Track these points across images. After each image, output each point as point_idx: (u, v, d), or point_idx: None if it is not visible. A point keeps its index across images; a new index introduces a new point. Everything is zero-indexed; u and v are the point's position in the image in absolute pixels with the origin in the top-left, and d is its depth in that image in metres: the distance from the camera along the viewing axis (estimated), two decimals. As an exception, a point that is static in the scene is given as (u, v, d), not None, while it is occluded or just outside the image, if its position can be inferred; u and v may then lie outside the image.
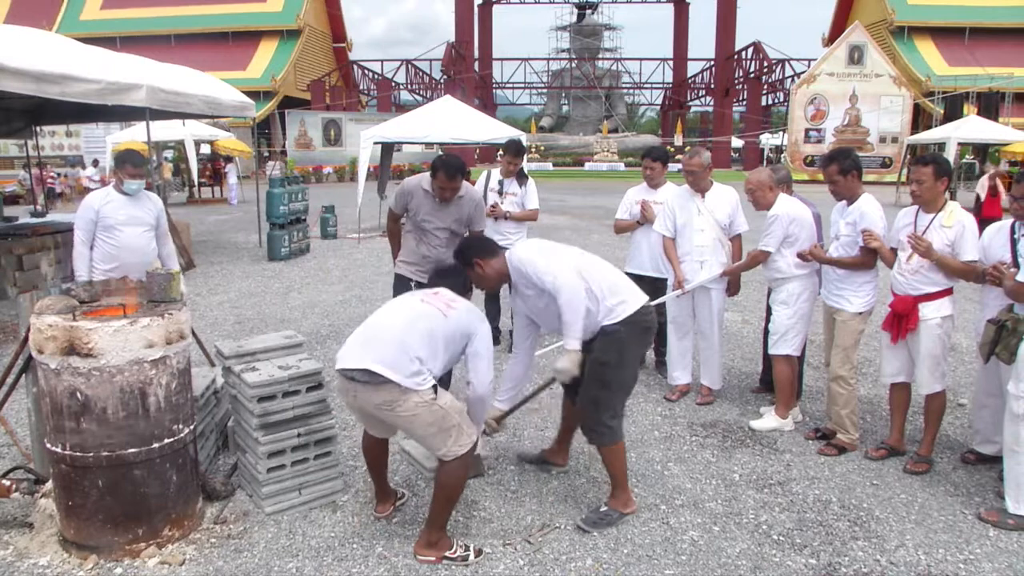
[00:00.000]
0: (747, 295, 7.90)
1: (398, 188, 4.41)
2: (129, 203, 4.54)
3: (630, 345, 3.25)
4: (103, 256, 4.48)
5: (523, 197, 5.96)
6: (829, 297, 4.17)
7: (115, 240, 4.49)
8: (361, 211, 13.22)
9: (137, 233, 4.57)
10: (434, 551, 2.96)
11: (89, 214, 4.46)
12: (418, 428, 2.89)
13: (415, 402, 2.83)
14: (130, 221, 4.53)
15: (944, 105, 26.68)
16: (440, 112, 13.09)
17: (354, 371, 2.86)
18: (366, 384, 2.83)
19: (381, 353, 2.85)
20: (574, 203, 20.36)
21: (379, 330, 2.98)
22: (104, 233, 4.48)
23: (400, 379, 2.80)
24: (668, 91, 53.54)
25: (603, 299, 3.22)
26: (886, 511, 3.43)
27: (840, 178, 3.98)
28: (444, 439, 2.88)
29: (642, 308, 3.27)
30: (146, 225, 4.63)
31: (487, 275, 3.31)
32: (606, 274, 3.32)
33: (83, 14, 38.90)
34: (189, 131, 18.94)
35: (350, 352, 2.94)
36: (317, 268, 10.24)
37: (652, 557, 3.04)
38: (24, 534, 3.11)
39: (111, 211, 4.49)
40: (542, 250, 3.30)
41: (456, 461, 2.91)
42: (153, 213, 4.70)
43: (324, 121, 33.14)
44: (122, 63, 7.37)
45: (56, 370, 2.80)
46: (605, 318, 3.22)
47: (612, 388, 3.24)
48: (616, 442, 3.30)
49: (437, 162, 4.12)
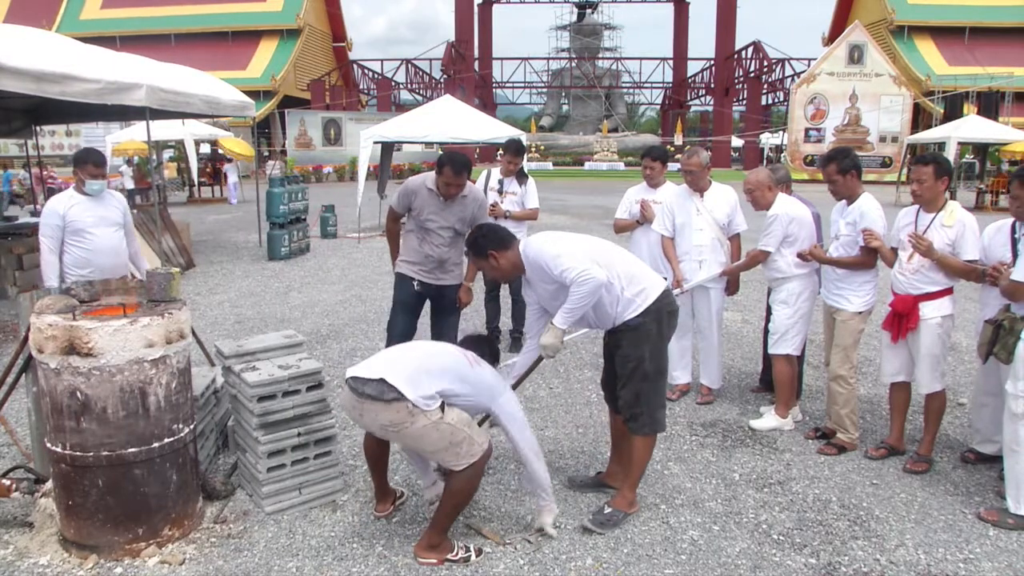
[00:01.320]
0: (747, 294, 7.90)
1: (401, 187, 4.39)
2: (95, 204, 4.41)
3: (657, 335, 3.23)
4: (75, 261, 4.36)
5: (523, 196, 5.97)
6: (829, 296, 4.17)
7: (86, 243, 4.37)
8: (361, 211, 13.22)
9: (109, 234, 4.46)
10: (435, 554, 2.95)
11: (54, 220, 4.28)
12: (427, 446, 2.87)
13: (422, 424, 2.79)
14: (100, 222, 4.41)
15: (944, 105, 26.70)
16: (440, 112, 13.10)
17: (366, 381, 2.81)
18: (375, 401, 2.78)
19: (400, 369, 2.84)
20: (574, 202, 20.36)
21: (404, 352, 3.04)
22: (74, 237, 4.33)
23: (412, 396, 2.76)
24: (668, 91, 53.55)
25: (622, 290, 3.16)
26: (886, 511, 3.43)
27: (839, 177, 3.98)
28: (455, 453, 2.86)
29: (663, 293, 3.23)
30: (115, 224, 4.52)
31: (501, 267, 3.24)
32: (623, 263, 3.24)
33: (83, 13, 38.91)
34: (189, 131, 18.94)
35: (368, 364, 2.92)
36: (317, 268, 10.24)
37: (652, 556, 3.04)
38: (24, 533, 3.11)
39: (78, 214, 4.35)
40: (559, 242, 3.19)
41: (469, 469, 2.89)
42: (120, 211, 4.59)
43: (324, 121, 33.13)
44: (122, 63, 7.37)
45: (56, 370, 2.80)
46: (626, 310, 3.18)
47: (651, 378, 3.24)
48: (656, 432, 3.32)
49: (444, 158, 4.10)
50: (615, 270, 3.17)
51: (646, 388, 3.24)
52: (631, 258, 3.38)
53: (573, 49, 54.45)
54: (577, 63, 53.60)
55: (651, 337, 3.21)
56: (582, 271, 3.00)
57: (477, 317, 6.76)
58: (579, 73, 53.15)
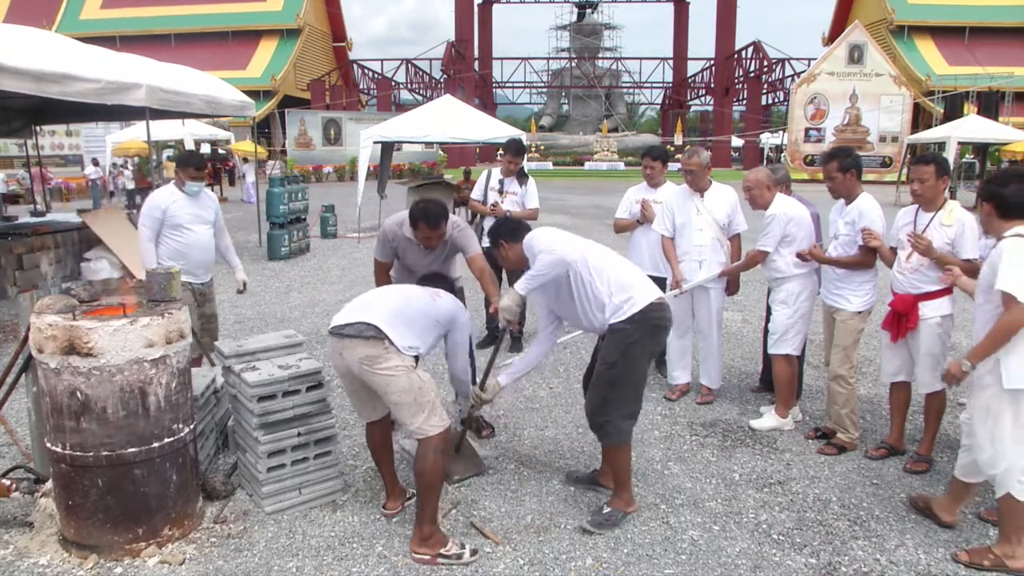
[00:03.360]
0: (747, 294, 7.90)
1: (379, 235, 4.03)
2: (192, 202, 4.63)
3: (637, 343, 3.20)
4: (170, 253, 4.56)
5: (523, 196, 5.97)
6: (828, 296, 4.17)
7: (182, 238, 4.58)
8: (361, 210, 13.22)
9: (203, 231, 4.69)
10: (428, 548, 2.96)
11: (156, 212, 4.53)
12: (393, 393, 2.94)
13: (396, 363, 2.94)
14: (195, 220, 4.63)
15: (944, 104, 26.70)
16: (440, 111, 13.09)
17: (353, 324, 2.99)
18: (353, 338, 2.95)
19: (380, 314, 3.03)
20: (574, 202, 20.36)
21: (377, 298, 3.20)
22: (171, 231, 4.56)
23: (393, 337, 2.95)
24: (668, 90, 53.59)
25: (610, 296, 3.20)
26: (886, 511, 3.43)
27: (839, 175, 3.98)
28: (417, 412, 2.94)
29: (651, 305, 3.20)
30: (208, 223, 4.74)
31: (508, 257, 3.52)
32: (615, 269, 3.28)
33: (83, 13, 38.93)
34: (189, 130, 18.95)
35: (346, 314, 3.09)
36: (317, 267, 10.25)
37: (652, 556, 3.04)
38: (24, 533, 3.11)
39: (177, 210, 4.56)
40: (552, 233, 3.34)
41: (429, 444, 2.95)
42: (213, 210, 4.80)
43: (324, 120, 33.14)
44: (122, 62, 7.36)
45: (56, 369, 2.80)
46: (612, 315, 3.20)
47: (619, 387, 3.23)
48: (622, 443, 3.29)
49: (416, 212, 3.67)
50: (604, 275, 3.23)
51: (613, 396, 3.23)
52: (627, 267, 3.40)
53: (573, 49, 54.47)
54: (577, 63, 53.63)
55: (630, 344, 3.19)
56: (550, 244, 3.21)
57: (478, 317, 6.75)
58: (579, 73, 53.17)
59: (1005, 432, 2.91)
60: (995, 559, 2.96)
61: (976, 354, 2.96)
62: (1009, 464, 2.91)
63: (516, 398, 4.94)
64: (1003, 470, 2.93)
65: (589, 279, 3.23)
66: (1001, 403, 2.91)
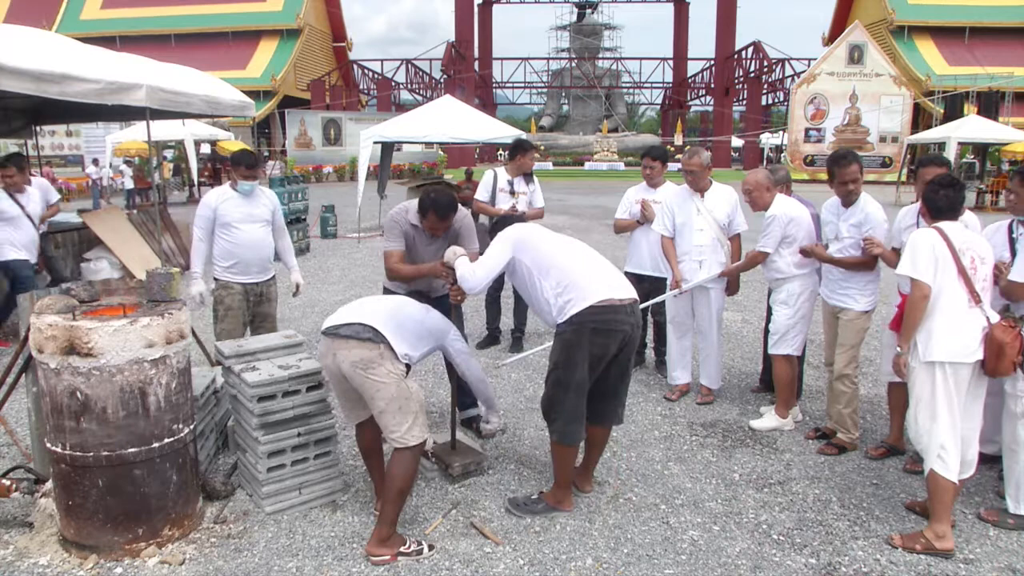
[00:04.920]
0: (747, 294, 7.90)
1: (387, 223, 4.01)
2: (245, 201, 4.62)
3: (575, 346, 3.13)
4: (221, 252, 4.59)
5: (531, 195, 5.98)
6: (831, 296, 4.16)
7: (232, 237, 4.58)
8: (361, 211, 13.22)
9: (254, 230, 4.67)
10: (386, 548, 2.96)
11: (206, 211, 4.56)
12: (381, 400, 2.94)
13: (388, 369, 2.95)
14: (246, 219, 4.62)
15: (944, 105, 26.67)
16: (440, 111, 13.08)
17: (342, 325, 3.02)
18: (349, 339, 2.97)
19: (377, 317, 3.07)
20: (574, 202, 20.36)
21: (373, 302, 3.24)
22: (222, 230, 4.58)
23: (390, 339, 2.99)
24: (668, 91, 53.57)
25: (557, 296, 3.20)
26: (886, 511, 3.44)
27: (860, 177, 3.96)
28: (401, 420, 2.94)
29: (591, 307, 3.10)
30: (262, 221, 4.71)
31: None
32: (570, 269, 3.23)
33: (83, 13, 38.89)
34: (189, 131, 18.92)
35: (342, 315, 3.11)
36: (317, 268, 10.24)
37: (652, 557, 3.04)
38: (24, 534, 3.11)
39: (228, 209, 4.57)
40: (520, 228, 3.46)
41: (407, 452, 2.95)
42: (269, 208, 4.78)
43: (324, 121, 33.12)
44: (122, 63, 7.35)
45: (56, 370, 2.80)
46: (557, 316, 3.21)
47: (563, 388, 3.20)
48: (565, 445, 3.27)
49: (426, 202, 3.69)
50: (553, 274, 3.22)
51: (558, 396, 3.23)
52: (589, 267, 3.30)
53: (573, 49, 54.45)
54: (577, 63, 53.60)
55: (568, 347, 3.16)
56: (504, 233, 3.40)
57: (478, 317, 6.76)
58: (579, 73, 53.14)
59: (922, 407, 3.07)
60: (926, 543, 3.05)
61: (902, 336, 3.15)
62: (928, 440, 3.05)
63: (516, 398, 4.94)
64: (924, 446, 3.07)
65: (537, 276, 3.26)
66: (918, 378, 3.09)
